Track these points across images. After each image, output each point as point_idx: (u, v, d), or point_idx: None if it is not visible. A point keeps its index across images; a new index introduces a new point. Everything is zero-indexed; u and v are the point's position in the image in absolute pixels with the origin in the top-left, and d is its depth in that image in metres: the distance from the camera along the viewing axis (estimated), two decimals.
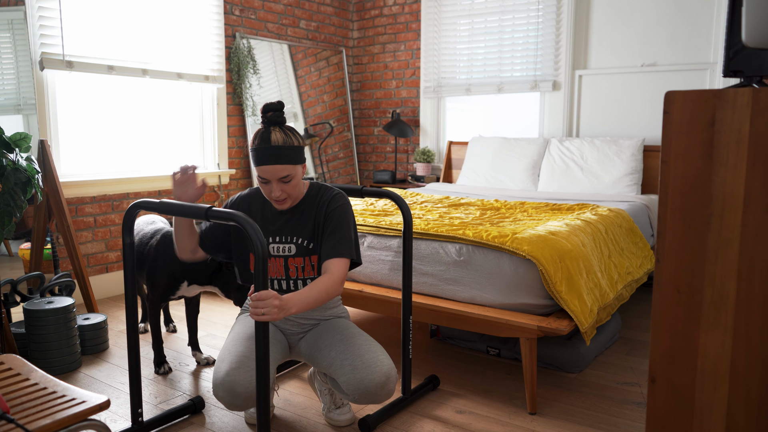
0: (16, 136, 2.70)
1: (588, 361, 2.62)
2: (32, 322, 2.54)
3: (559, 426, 2.11)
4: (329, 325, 2.03)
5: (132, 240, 1.94)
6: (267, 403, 1.64)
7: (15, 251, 3.14)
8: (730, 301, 1.12)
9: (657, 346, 1.21)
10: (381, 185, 5.08)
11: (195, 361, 2.71)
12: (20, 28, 3.19)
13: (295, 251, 1.96)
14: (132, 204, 1.86)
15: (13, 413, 1.42)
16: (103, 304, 3.61)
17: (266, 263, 1.58)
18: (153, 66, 3.89)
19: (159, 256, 2.46)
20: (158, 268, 2.45)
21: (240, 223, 1.58)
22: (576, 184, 4.02)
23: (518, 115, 4.77)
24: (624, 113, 4.28)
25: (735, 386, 1.13)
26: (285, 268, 1.97)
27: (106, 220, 3.73)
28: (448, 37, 4.97)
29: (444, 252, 2.43)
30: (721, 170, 1.10)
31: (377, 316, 3.37)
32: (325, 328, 2.02)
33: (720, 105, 1.09)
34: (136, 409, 2.01)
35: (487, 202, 3.35)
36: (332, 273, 1.84)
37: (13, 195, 2.52)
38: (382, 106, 5.46)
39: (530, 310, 2.26)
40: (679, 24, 4.01)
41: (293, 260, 1.96)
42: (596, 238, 2.65)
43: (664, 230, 1.18)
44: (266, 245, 1.59)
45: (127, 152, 3.91)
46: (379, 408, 2.21)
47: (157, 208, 1.79)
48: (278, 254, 1.96)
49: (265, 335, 1.60)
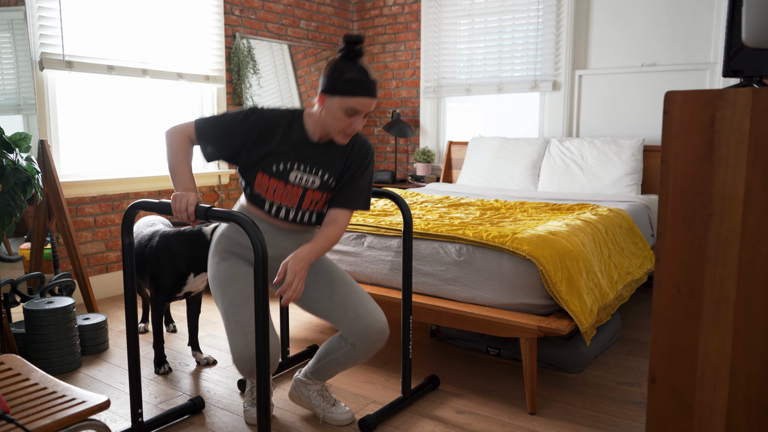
0: (16, 136, 2.70)
1: (588, 361, 2.62)
2: (32, 322, 2.54)
3: (559, 426, 2.11)
4: (319, 267, 2.06)
5: (131, 240, 1.93)
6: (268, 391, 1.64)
7: (15, 251, 3.14)
8: (730, 301, 1.12)
9: (657, 346, 1.21)
10: (381, 185, 5.08)
11: (195, 361, 2.72)
12: (20, 28, 3.19)
13: (318, 185, 1.94)
14: (131, 204, 1.86)
15: (13, 413, 1.42)
16: (103, 304, 3.61)
17: (266, 263, 1.58)
18: (153, 66, 3.89)
19: (161, 257, 2.46)
20: (162, 269, 2.46)
21: (240, 223, 1.58)
22: (576, 184, 4.02)
23: (518, 115, 4.77)
24: (624, 113, 4.28)
25: (735, 386, 1.13)
26: (300, 199, 1.94)
27: (106, 220, 3.73)
28: (448, 37, 4.97)
29: (444, 252, 2.43)
30: (721, 170, 1.10)
31: None
32: (315, 270, 2.05)
33: (720, 105, 1.09)
34: (136, 409, 2.01)
35: (487, 202, 3.35)
36: (340, 224, 1.91)
37: (13, 195, 2.52)
38: (382, 106, 5.46)
39: (530, 310, 2.26)
40: (679, 24, 4.01)
41: (312, 193, 1.94)
42: (596, 238, 2.65)
43: (664, 230, 1.18)
44: (266, 247, 1.58)
45: (127, 152, 3.91)
46: (379, 409, 2.21)
47: (156, 209, 1.79)
48: (298, 183, 1.92)
49: (266, 332, 1.60)
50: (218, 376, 2.57)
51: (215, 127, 1.89)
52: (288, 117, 1.94)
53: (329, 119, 1.84)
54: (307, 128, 1.93)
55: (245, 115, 1.90)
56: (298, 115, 1.95)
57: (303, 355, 2.67)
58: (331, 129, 1.86)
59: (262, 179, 1.90)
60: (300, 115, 1.95)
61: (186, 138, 1.90)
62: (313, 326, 3.20)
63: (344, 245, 2.73)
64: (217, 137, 1.89)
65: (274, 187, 1.90)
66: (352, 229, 2.71)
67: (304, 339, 3.00)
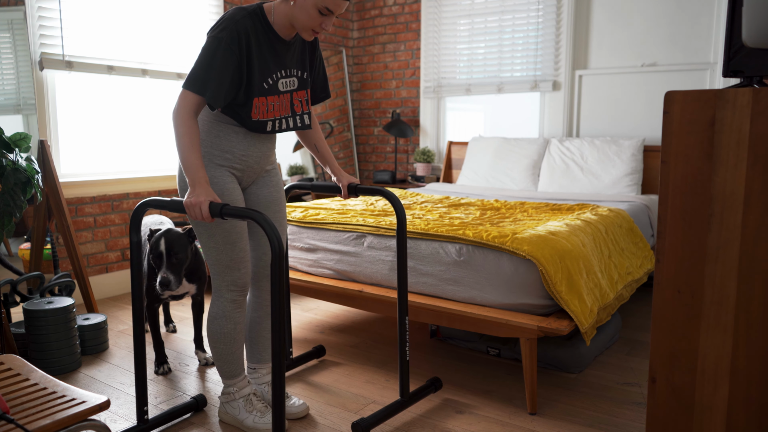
0: (16, 136, 2.70)
1: (588, 361, 2.62)
2: (32, 323, 2.54)
3: (559, 426, 2.11)
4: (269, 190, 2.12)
5: (139, 239, 1.95)
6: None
7: (15, 251, 3.14)
8: (730, 301, 1.12)
9: (657, 346, 1.21)
10: (381, 185, 5.08)
11: (197, 360, 2.71)
12: (20, 28, 3.19)
13: (297, 85, 1.94)
14: (140, 203, 1.89)
15: (13, 413, 1.42)
16: (103, 304, 3.61)
17: (283, 261, 1.61)
18: (153, 66, 3.89)
19: (147, 257, 2.48)
20: (147, 270, 2.49)
21: (258, 221, 1.62)
22: (576, 184, 4.02)
23: (518, 115, 4.77)
24: (624, 113, 4.28)
25: (735, 386, 1.13)
26: (291, 105, 1.94)
27: (106, 220, 3.73)
28: (448, 37, 4.97)
29: (444, 252, 2.43)
30: (721, 170, 1.10)
31: (377, 316, 3.37)
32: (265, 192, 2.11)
33: (720, 105, 1.09)
34: (142, 407, 2.03)
35: (487, 202, 3.35)
36: (317, 122, 2.16)
37: (13, 195, 2.52)
38: (382, 106, 5.45)
39: (530, 310, 2.26)
40: (679, 24, 4.01)
41: (296, 94, 1.94)
42: (596, 238, 2.65)
43: (664, 230, 1.18)
44: (282, 244, 1.60)
45: (127, 152, 3.90)
46: (376, 411, 2.21)
47: (164, 206, 1.81)
48: (286, 89, 1.92)
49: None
50: (218, 376, 2.57)
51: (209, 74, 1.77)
52: (250, 20, 1.82)
53: (301, 16, 1.79)
54: (274, 24, 1.86)
55: (222, 47, 1.76)
56: (258, 12, 1.85)
57: (307, 356, 2.67)
58: (300, 26, 1.82)
59: (259, 103, 1.87)
60: (261, 12, 1.86)
61: (190, 116, 1.78)
62: (313, 326, 3.20)
63: (344, 245, 2.73)
64: (220, 81, 1.78)
65: (272, 104, 1.90)
66: (352, 229, 2.71)
67: (304, 339, 3.00)
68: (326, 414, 2.21)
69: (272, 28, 1.87)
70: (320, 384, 2.47)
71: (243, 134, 1.94)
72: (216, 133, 1.92)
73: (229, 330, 2.02)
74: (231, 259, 1.97)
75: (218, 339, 2.02)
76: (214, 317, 2.03)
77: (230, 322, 2.02)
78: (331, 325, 3.22)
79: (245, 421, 2.04)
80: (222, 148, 1.93)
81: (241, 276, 2.01)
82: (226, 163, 1.95)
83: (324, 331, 3.13)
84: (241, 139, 1.94)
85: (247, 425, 2.04)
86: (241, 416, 2.05)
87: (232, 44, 1.77)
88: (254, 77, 1.84)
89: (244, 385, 2.10)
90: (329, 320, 3.30)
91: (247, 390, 2.10)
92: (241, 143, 1.94)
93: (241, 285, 2.02)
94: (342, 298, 2.67)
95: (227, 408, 2.10)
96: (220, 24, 1.79)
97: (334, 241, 2.77)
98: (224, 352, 2.04)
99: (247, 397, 2.09)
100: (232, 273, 1.98)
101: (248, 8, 1.84)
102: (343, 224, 2.75)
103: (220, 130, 1.93)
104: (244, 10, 1.83)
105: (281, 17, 1.85)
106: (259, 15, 1.85)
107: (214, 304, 2.03)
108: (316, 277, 2.83)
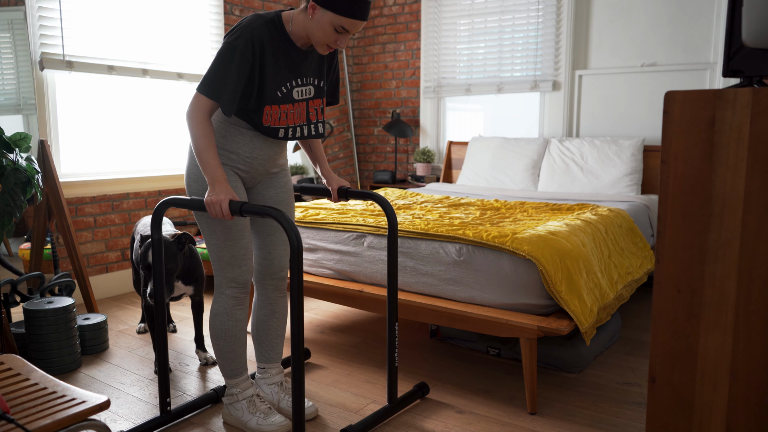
0: (16, 136, 2.70)
1: (588, 361, 2.62)
2: (32, 322, 2.54)
3: (559, 426, 2.11)
4: (279, 188, 2.14)
5: (161, 236, 2.00)
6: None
7: (15, 251, 3.14)
8: (730, 301, 1.12)
9: (657, 346, 1.21)
10: (381, 185, 5.08)
11: (197, 360, 2.71)
12: (20, 28, 3.19)
13: (313, 93, 1.95)
14: (161, 201, 1.94)
15: (13, 413, 1.42)
16: (103, 304, 3.61)
17: (302, 257, 1.65)
18: (153, 66, 3.89)
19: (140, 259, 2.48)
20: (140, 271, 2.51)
21: (276, 218, 1.66)
22: (576, 184, 4.02)
23: (518, 115, 4.77)
24: (624, 113, 4.28)
25: (735, 386, 1.13)
26: (306, 113, 1.95)
27: (106, 220, 3.73)
28: (448, 37, 4.97)
29: (444, 252, 2.43)
30: (721, 170, 1.10)
31: (377, 316, 3.37)
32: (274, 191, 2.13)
33: (720, 105, 1.09)
34: (165, 398, 2.08)
35: (487, 202, 3.35)
36: None
37: (13, 195, 2.52)
38: (382, 106, 5.46)
39: (530, 310, 2.26)
40: (679, 24, 4.01)
41: (312, 103, 1.96)
42: (596, 238, 2.65)
43: (664, 230, 1.18)
44: (301, 241, 1.62)
45: (127, 152, 3.90)
46: (363, 418, 2.21)
47: (185, 205, 1.84)
48: (301, 98, 1.94)
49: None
50: (218, 375, 2.57)
51: (224, 80, 1.78)
52: (266, 28, 1.82)
53: (317, 31, 1.79)
54: (291, 34, 1.87)
55: (237, 55, 1.77)
56: (276, 21, 1.85)
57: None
58: (315, 40, 1.82)
59: (271, 111, 1.88)
60: (279, 21, 1.85)
61: (205, 118, 1.79)
62: (313, 326, 3.20)
63: (344, 245, 2.73)
64: (234, 88, 1.79)
65: (285, 112, 1.91)
66: (352, 229, 2.71)
67: (304, 339, 3.00)
68: (326, 414, 2.21)
69: (289, 37, 1.87)
70: (320, 384, 2.47)
71: (250, 137, 1.96)
72: (223, 133, 1.95)
73: (231, 327, 2.03)
74: (232, 256, 1.98)
75: (219, 336, 2.03)
76: (215, 314, 2.04)
77: (231, 318, 2.02)
78: (331, 325, 3.22)
79: (249, 423, 2.04)
80: (227, 149, 1.96)
81: (242, 273, 2.02)
82: (231, 162, 1.97)
83: (324, 331, 3.13)
84: (248, 141, 1.96)
85: (251, 427, 2.03)
86: (245, 418, 2.05)
87: (246, 52, 1.78)
88: (266, 85, 1.86)
89: (248, 386, 2.10)
90: (329, 320, 3.30)
91: (250, 391, 2.10)
92: (247, 145, 1.96)
93: (241, 282, 2.02)
94: (342, 298, 2.67)
95: (230, 410, 2.10)
96: (236, 31, 1.80)
97: (334, 241, 2.77)
98: (226, 349, 2.04)
99: (251, 398, 2.09)
100: (232, 270, 2.00)
101: (266, 16, 1.85)
102: (343, 224, 2.75)
103: (227, 131, 1.95)
104: (261, 18, 1.84)
105: (299, 27, 1.86)
106: (277, 23, 1.85)
107: (216, 301, 2.05)
108: (316, 276, 2.83)
